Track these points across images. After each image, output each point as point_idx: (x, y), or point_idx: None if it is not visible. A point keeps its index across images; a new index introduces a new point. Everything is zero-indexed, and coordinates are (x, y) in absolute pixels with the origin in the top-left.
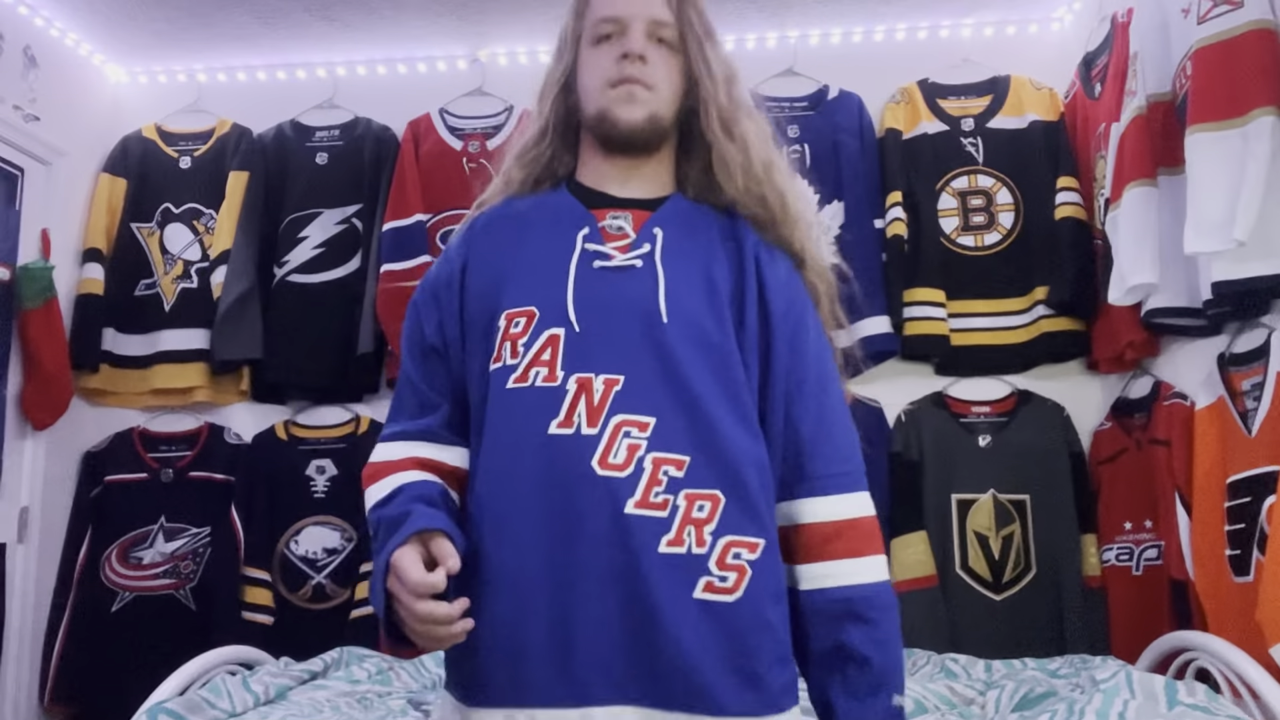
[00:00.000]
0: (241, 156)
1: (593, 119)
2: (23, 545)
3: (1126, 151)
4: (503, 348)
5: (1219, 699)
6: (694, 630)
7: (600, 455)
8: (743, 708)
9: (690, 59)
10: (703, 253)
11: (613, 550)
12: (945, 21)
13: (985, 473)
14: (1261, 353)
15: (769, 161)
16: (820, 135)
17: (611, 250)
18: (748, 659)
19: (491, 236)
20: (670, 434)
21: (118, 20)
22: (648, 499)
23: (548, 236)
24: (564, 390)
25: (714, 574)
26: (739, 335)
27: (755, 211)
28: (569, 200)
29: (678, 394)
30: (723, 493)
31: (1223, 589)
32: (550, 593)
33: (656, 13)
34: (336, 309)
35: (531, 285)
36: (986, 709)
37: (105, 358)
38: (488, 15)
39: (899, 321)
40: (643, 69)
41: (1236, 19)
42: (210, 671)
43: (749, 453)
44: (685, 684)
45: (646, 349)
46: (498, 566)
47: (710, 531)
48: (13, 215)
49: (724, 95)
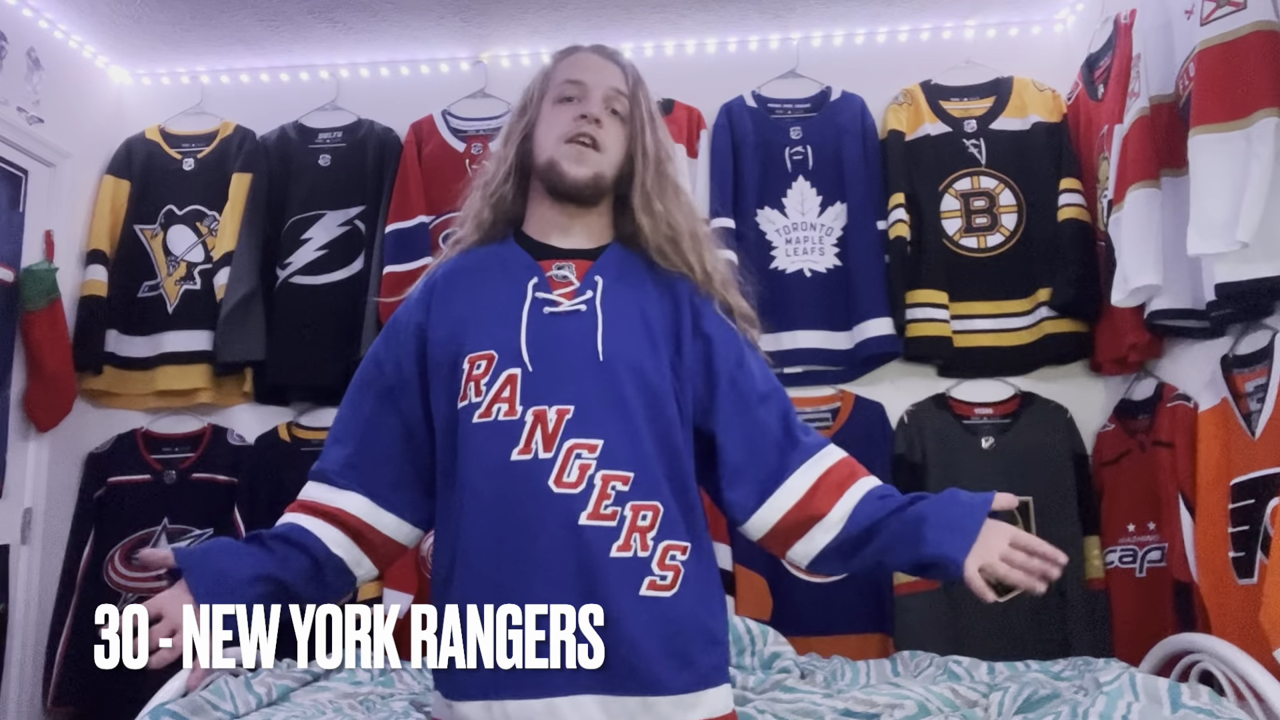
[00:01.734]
0: (244, 158)
1: (543, 167)
2: (26, 546)
3: (1129, 153)
4: (468, 387)
5: (1223, 702)
6: (639, 623)
7: (555, 475)
8: (679, 686)
9: (632, 137)
10: (638, 295)
11: (571, 556)
12: (948, 23)
13: (988, 475)
14: (1265, 354)
15: (687, 232)
16: (823, 137)
17: (558, 297)
18: (683, 644)
19: (452, 286)
20: (616, 453)
21: (121, 23)
22: (599, 511)
23: (502, 286)
24: (522, 422)
25: (655, 574)
26: (676, 364)
27: (683, 273)
28: (518, 252)
29: (620, 419)
30: (661, 503)
31: (1226, 591)
32: (516, 596)
33: (616, 83)
34: (339, 311)
35: (490, 331)
36: (990, 711)
37: (108, 359)
38: (490, 17)
39: (902, 323)
40: (597, 130)
41: (1239, 20)
42: (213, 673)
43: (678, 472)
44: (633, 670)
45: (592, 382)
46: (472, 573)
47: (652, 537)
48: (16, 217)
49: (651, 175)
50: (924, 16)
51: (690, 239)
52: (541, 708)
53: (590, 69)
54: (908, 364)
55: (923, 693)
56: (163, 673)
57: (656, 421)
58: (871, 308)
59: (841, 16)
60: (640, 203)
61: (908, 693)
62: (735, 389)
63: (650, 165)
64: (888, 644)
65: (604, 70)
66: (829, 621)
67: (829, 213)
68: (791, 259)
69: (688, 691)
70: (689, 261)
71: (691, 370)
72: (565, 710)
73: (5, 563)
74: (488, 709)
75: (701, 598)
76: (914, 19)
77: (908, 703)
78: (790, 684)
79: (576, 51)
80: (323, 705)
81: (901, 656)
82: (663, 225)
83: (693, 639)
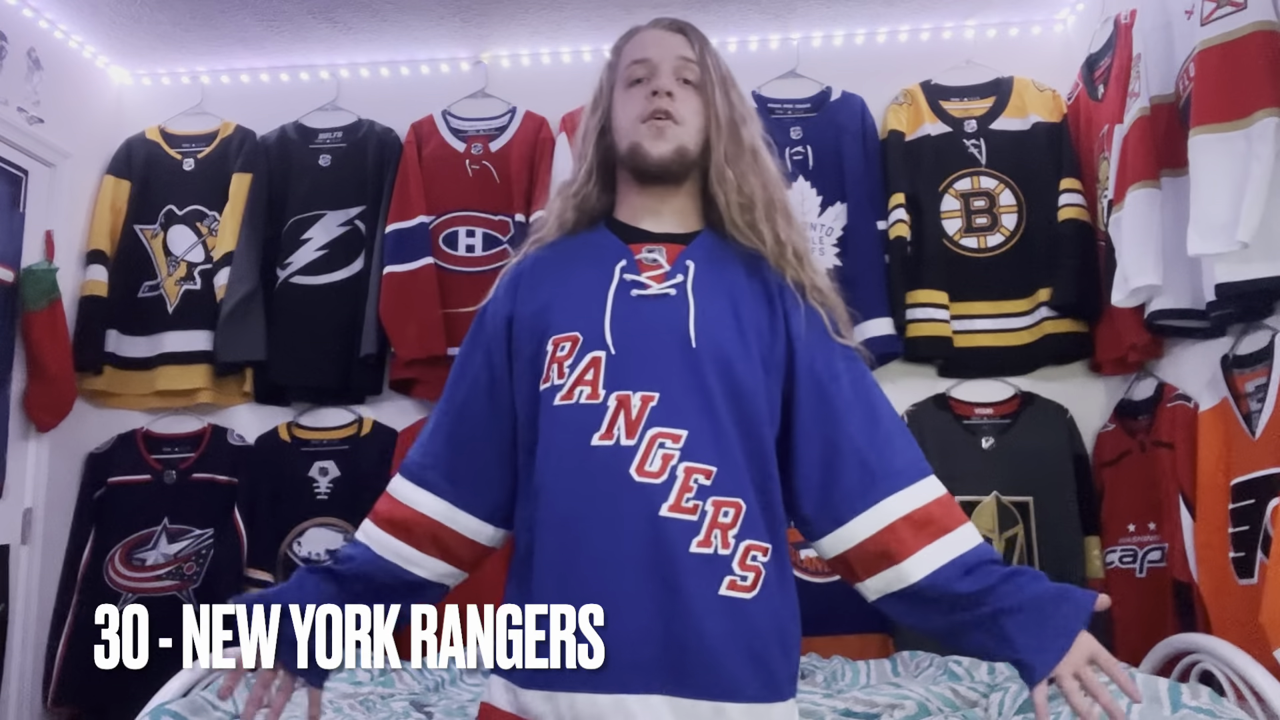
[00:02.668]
0: (245, 158)
1: (626, 153)
2: (26, 546)
3: (1129, 153)
4: (550, 369)
5: (1223, 702)
6: (718, 624)
7: (638, 464)
8: (755, 694)
9: (706, 103)
10: (730, 283)
11: (649, 549)
12: (948, 23)
13: (988, 475)
14: (1265, 354)
15: (761, 200)
16: (823, 137)
17: (647, 280)
18: (761, 650)
19: (538, 273)
20: (700, 446)
21: (121, 23)
22: (680, 503)
23: (589, 269)
24: (605, 407)
25: (736, 573)
26: (767, 359)
27: (755, 245)
28: (608, 237)
29: (705, 410)
30: (744, 501)
31: (1227, 591)
32: (594, 585)
33: (683, 51)
34: (339, 311)
35: (575, 313)
36: (990, 711)
37: (109, 359)
38: (490, 17)
39: (902, 323)
40: (671, 103)
41: (1239, 20)
42: (213, 673)
43: (762, 471)
44: (708, 673)
45: (679, 369)
46: (549, 560)
47: (734, 535)
48: (17, 217)
49: (725, 141)
50: (924, 16)
51: (764, 207)
52: (610, 704)
53: (654, 44)
54: (908, 364)
55: (923, 693)
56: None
57: (742, 417)
58: (871, 308)
59: (841, 16)
60: (715, 173)
61: (908, 693)
62: (820, 395)
63: (724, 130)
64: (888, 644)
65: (668, 42)
66: (829, 621)
67: (829, 213)
68: None
69: (760, 701)
70: (760, 231)
71: (779, 368)
72: (635, 708)
73: (5, 563)
74: (552, 700)
75: (780, 603)
76: (914, 19)
77: (908, 703)
78: None
79: (637, 32)
80: (322, 705)
81: (901, 656)
82: (733, 194)
83: (770, 645)
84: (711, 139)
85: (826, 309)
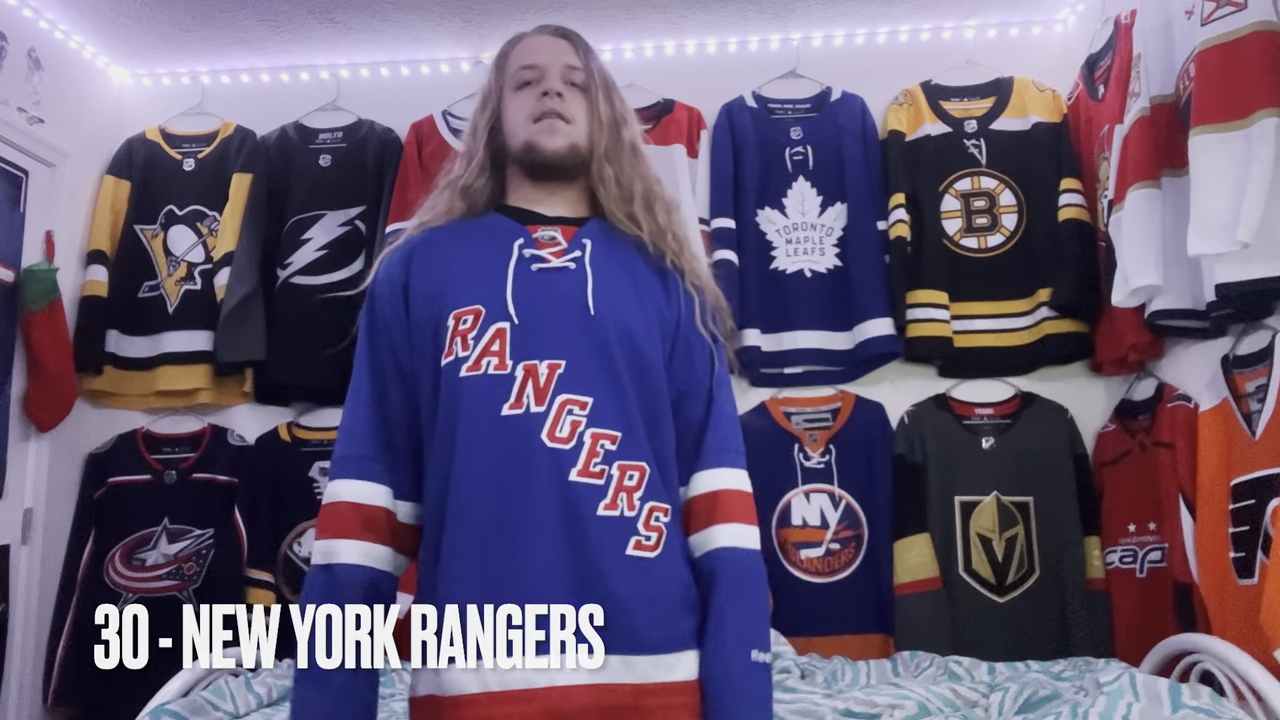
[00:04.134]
0: (245, 158)
1: (520, 150)
2: (26, 547)
3: (1130, 153)
4: (453, 343)
5: (1223, 702)
6: (627, 582)
7: (548, 430)
8: (659, 646)
9: (590, 106)
10: (626, 262)
11: (560, 512)
12: (948, 23)
13: (988, 475)
14: (1265, 355)
15: (640, 192)
16: (823, 137)
17: (547, 255)
18: (664, 605)
19: (432, 249)
20: (605, 412)
21: (121, 23)
22: (588, 468)
23: (486, 248)
24: (513, 377)
25: (641, 534)
26: (663, 330)
27: (635, 233)
28: (502, 220)
29: (609, 378)
30: (646, 464)
31: (1227, 591)
32: (508, 549)
33: (569, 59)
34: (340, 311)
35: (475, 288)
36: (990, 711)
37: (109, 359)
38: (490, 17)
39: (902, 323)
40: (561, 104)
41: (1239, 20)
42: (213, 673)
43: (660, 435)
44: (618, 628)
45: (581, 337)
46: (463, 529)
47: (638, 497)
48: (17, 217)
49: (607, 140)
50: (924, 16)
51: (643, 199)
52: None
53: (541, 50)
54: (908, 364)
55: (923, 693)
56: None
57: (642, 384)
58: (872, 308)
59: (841, 16)
60: (596, 168)
61: (908, 693)
62: (679, 369)
63: (606, 130)
64: (888, 644)
65: (554, 47)
66: (829, 621)
67: (829, 213)
68: (792, 259)
69: (668, 652)
70: (638, 220)
71: (670, 338)
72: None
73: (5, 563)
74: (478, 669)
75: (680, 561)
76: (914, 19)
77: (908, 703)
78: (790, 684)
79: (524, 37)
80: None
81: (902, 657)
82: (613, 187)
83: (673, 600)
84: (594, 137)
85: (701, 296)
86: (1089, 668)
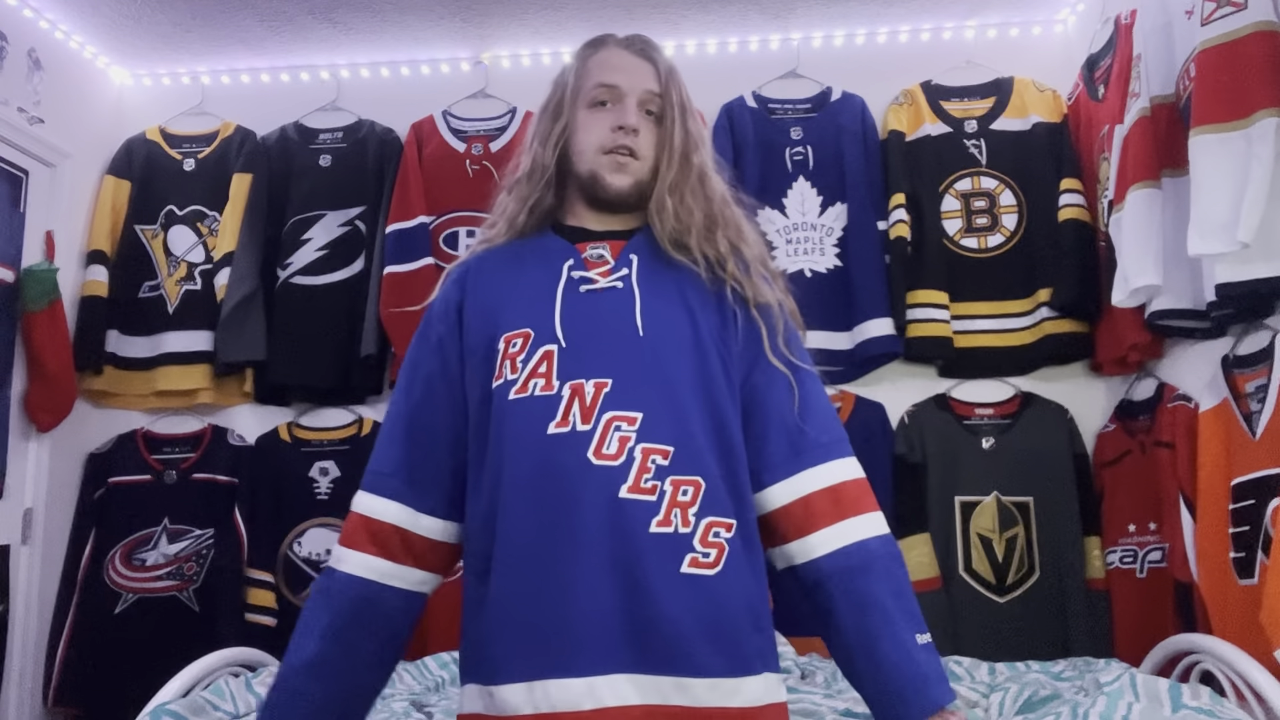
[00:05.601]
0: (245, 159)
1: (585, 178)
2: (26, 547)
3: (1130, 153)
4: (503, 366)
5: (1223, 702)
6: (680, 601)
7: (595, 447)
8: (720, 669)
9: (661, 138)
10: (674, 270)
11: (609, 531)
12: (948, 23)
13: (988, 475)
14: (1266, 355)
15: (699, 224)
16: (823, 137)
17: (595, 275)
18: (725, 626)
19: (487, 271)
20: (656, 426)
21: (121, 23)
22: (639, 484)
23: (537, 270)
24: (559, 396)
25: (698, 550)
26: (723, 333)
27: (689, 266)
28: (555, 240)
29: (661, 392)
30: (703, 478)
31: (1227, 591)
32: (555, 571)
33: (650, 85)
34: (340, 311)
35: (525, 311)
36: (990, 711)
37: (109, 359)
38: (490, 17)
39: (902, 323)
40: (634, 140)
41: (1240, 20)
42: (213, 673)
43: (726, 445)
44: (669, 649)
45: (630, 356)
46: (509, 551)
47: (694, 513)
48: (17, 217)
49: (674, 173)
50: (924, 17)
51: (702, 229)
52: (582, 687)
53: (621, 69)
54: (908, 364)
55: None
56: (162, 673)
57: (703, 393)
58: (872, 308)
59: (841, 17)
60: (655, 202)
61: None
62: (753, 395)
63: (675, 161)
64: None
65: (636, 69)
66: None
67: (829, 213)
68: (792, 259)
69: (726, 676)
70: (692, 254)
71: (730, 345)
72: (602, 690)
73: (5, 563)
74: (529, 690)
75: (750, 577)
76: (914, 19)
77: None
78: (791, 684)
79: (605, 45)
80: None
81: None
82: (669, 221)
83: (736, 621)
84: (661, 169)
85: (769, 322)
86: (1089, 668)
